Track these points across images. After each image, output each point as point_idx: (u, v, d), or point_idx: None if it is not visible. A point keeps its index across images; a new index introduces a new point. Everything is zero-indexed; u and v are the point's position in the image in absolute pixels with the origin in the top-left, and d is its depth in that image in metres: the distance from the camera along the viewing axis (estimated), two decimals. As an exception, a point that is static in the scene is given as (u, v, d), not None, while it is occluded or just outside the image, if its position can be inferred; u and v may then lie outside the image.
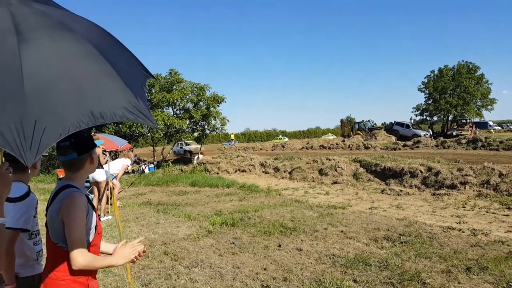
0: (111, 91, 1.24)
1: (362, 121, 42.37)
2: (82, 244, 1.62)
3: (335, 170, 12.41)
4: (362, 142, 30.74)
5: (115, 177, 8.64)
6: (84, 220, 1.67)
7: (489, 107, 43.50)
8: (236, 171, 15.22)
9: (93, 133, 9.23)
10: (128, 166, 9.42)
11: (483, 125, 47.66)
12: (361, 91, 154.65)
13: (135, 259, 1.84)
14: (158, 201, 9.37)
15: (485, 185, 9.03)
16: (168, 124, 17.31)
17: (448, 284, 3.73)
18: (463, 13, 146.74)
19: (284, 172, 13.76)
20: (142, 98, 1.33)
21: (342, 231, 5.88)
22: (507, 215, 6.89)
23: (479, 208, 7.57)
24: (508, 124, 61.80)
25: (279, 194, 9.89)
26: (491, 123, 54.40)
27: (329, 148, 31.12)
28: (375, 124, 42.38)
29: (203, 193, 10.48)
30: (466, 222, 6.47)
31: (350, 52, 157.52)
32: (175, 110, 19.25)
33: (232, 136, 42.12)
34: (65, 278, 1.68)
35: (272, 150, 34.02)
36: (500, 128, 54.62)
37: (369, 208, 7.90)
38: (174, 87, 18.76)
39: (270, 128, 74.44)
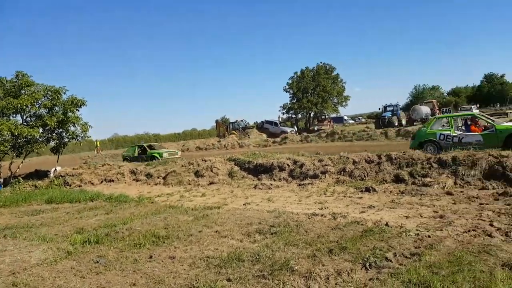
0: None
1: (236, 121, 43.96)
2: None
3: (211, 170, 12.40)
4: (237, 141, 31.91)
5: None
6: None
7: (343, 103, 49.88)
8: (102, 182, 13.92)
9: None
10: None
11: (339, 120, 54.43)
12: (235, 92, 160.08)
13: None
14: (5, 225, 7.91)
15: (342, 172, 10.13)
16: (16, 134, 14.85)
17: (314, 268, 3.95)
18: (320, 17, 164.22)
19: (158, 178, 13.15)
20: None
21: (217, 231, 5.82)
22: (360, 198, 7.80)
23: (337, 194, 8.41)
24: (359, 117, 71.91)
25: (152, 202, 9.35)
26: (346, 117, 62.51)
27: (205, 149, 31.34)
28: (248, 123, 44.37)
29: (62, 210, 9.25)
30: (327, 207, 7.07)
31: (220, 55, 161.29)
32: (24, 117, 16.63)
33: (98, 143, 38.71)
34: None
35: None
36: (353, 121, 63.18)
37: (243, 204, 8.06)
38: (23, 91, 16.24)
39: (142, 132, 71.03)
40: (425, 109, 36.54)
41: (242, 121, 43.84)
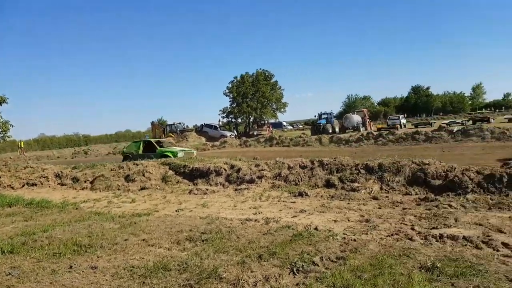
0: None
1: (174, 124, 42.95)
2: None
3: (143, 175, 11.88)
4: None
5: None
6: None
7: (282, 109, 51.02)
8: (23, 186, 12.69)
9: None
10: None
11: (278, 125, 55.55)
12: (172, 93, 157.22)
13: None
14: None
15: (277, 177, 10.27)
16: None
17: (242, 275, 3.90)
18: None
19: (85, 182, 12.28)
20: None
21: (144, 239, 5.54)
22: (294, 202, 7.95)
23: (272, 198, 8.49)
24: (297, 123, 74.17)
25: (77, 208, 8.70)
26: (285, 123, 64.02)
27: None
28: (186, 126, 43.58)
29: (-27, 218, 8.28)
30: (261, 212, 7.10)
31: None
32: None
33: (21, 144, 35.72)
34: None
35: (72, 158, 30.63)
36: (291, 127, 64.94)
37: (176, 211, 7.81)
38: None
39: (71, 132, 67.81)
40: (356, 118, 38.75)
41: (180, 123, 42.98)
